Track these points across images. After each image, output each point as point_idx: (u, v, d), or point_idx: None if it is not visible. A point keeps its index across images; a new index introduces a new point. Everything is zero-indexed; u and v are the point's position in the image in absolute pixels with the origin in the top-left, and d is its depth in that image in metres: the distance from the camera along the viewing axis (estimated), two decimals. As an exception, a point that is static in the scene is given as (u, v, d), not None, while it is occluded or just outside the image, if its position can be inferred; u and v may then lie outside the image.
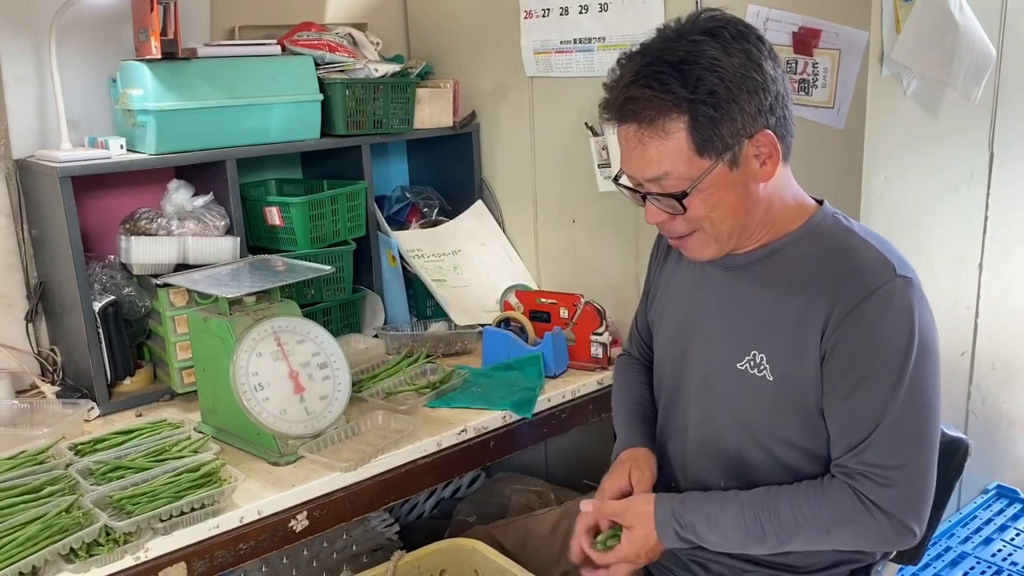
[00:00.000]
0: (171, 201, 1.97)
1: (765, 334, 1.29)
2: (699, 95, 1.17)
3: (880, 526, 1.22)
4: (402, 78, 2.31)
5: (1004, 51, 2.07)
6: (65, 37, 1.98)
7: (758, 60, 1.20)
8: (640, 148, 1.23)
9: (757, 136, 1.22)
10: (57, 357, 2.04)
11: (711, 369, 1.38)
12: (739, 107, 1.19)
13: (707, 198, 1.24)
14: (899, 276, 1.22)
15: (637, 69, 1.20)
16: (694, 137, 1.19)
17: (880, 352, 1.20)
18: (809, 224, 1.31)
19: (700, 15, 1.23)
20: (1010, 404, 2.53)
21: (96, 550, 1.34)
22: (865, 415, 1.21)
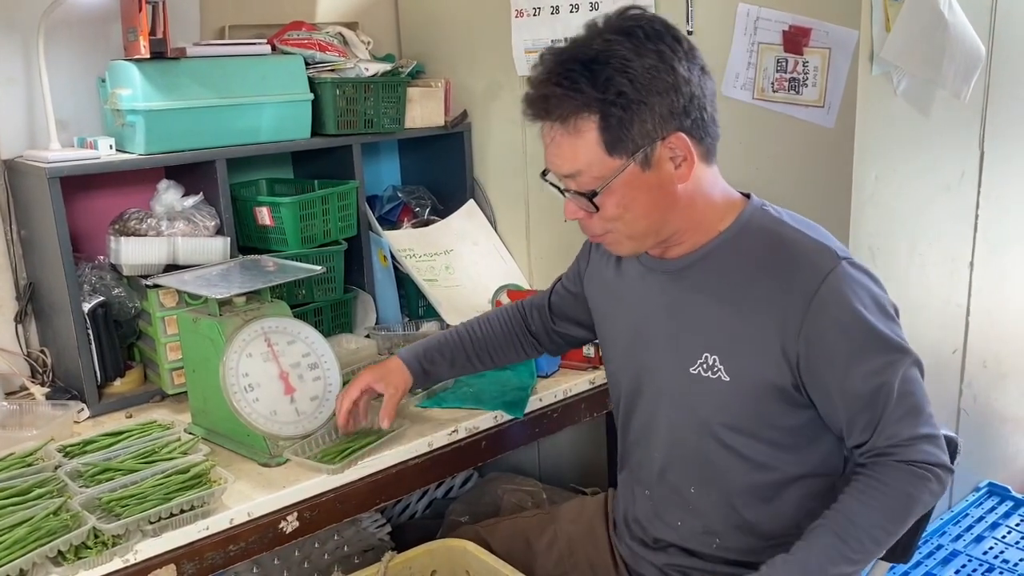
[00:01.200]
0: (161, 201, 1.96)
1: (715, 335, 1.29)
2: (608, 95, 1.17)
3: (940, 482, 1.23)
4: (393, 77, 2.31)
5: (994, 50, 2.08)
6: (53, 37, 1.97)
7: (671, 61, 1.19)
8: (554, 145, 1.24)
9: (670, 138, 1.21)
10: (47, 358, 2.03)
11: (665, 376, 1.37)
12: (649, 108, 1.18)
13: (620, 199, 1.24)
14: (842, 259, 1.23)
15: (552, 67, 1.21)
16: (604, 137, 1.20)
17: (854, 331, 1.21)
18: (740, 221, 1.31)
19: (624, 12, 1.23)
20: (1001, 402, 2.54)
21: (85, 552, 1.33)
22: (870, 391, 1.22)
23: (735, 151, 1.94)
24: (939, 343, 2.23)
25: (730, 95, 1.90)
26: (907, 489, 1.22)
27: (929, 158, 1.99)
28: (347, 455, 1.62)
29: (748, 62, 1.86)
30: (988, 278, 2.30)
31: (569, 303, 1.65)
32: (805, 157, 1.84)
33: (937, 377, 2.26)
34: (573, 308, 1.64)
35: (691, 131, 1.23)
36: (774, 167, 1.89)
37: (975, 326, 2.31)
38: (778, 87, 1.83)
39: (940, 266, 2.13)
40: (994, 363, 2.44)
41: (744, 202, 1.34)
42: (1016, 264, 2.43)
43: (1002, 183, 2.25)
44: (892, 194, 1.89)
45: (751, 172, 1.92)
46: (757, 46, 1.84)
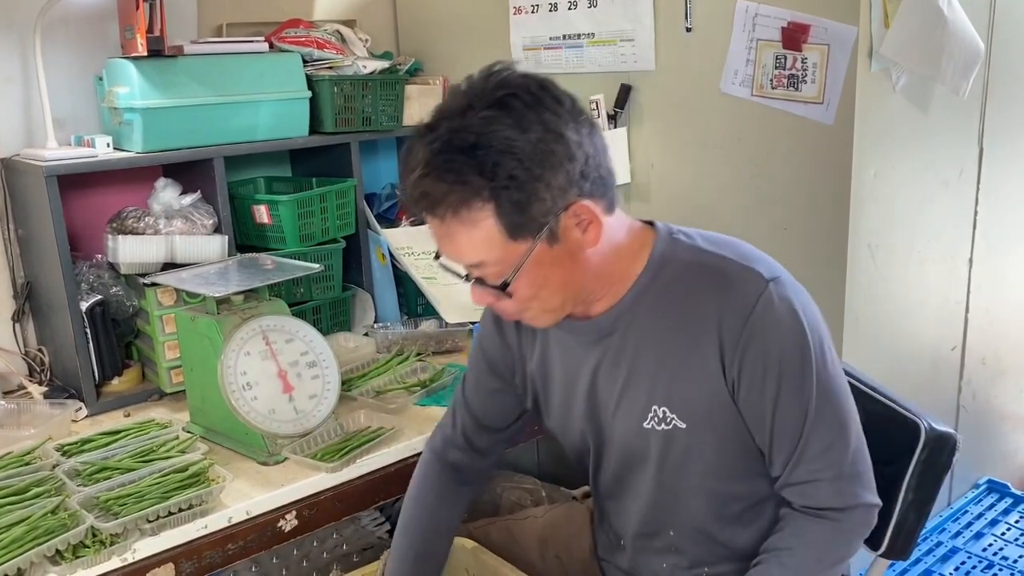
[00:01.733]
0: (158, 200, 1.95)
1: (657, 386, 1.23)
2: (499, 181, 1.06)
3: (851, 523, 1.21)
4: (391, 75, 2.30)
5: (993, 46, 2.08)
6: (50, 35, 1.97)
7: (558, 128, 1.08)
8: (449, 239, 1.13)
9: (572, 207, 1.11)
10: (44, 357, 2.02)
11: (622, 437, 1.30)
12: (545, 184, 1.08)
13: (532, 279, 1.15)
14: (769, 281, 1.16)
15: (427, 159, 1.07)
16: (503, 223, 1.09)
17: (781, 361, 1.16)
18: (654, 258, 1.22)
19: (491, 75, 1.11)
20: (1000, 399, 2.54)
21: (82, 552, 1.33)
22: (791, 428, 1.19)
23: (733, 148, 1.94)
24: (938, 340, 2.23)
25: (729, 92, 1.90)
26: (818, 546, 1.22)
27: (928, 155, 1.99)
28: (346, 453, 1.62)
29: (747, 59, 1.86)
30: (987, 275, 2.30)
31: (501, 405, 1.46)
32: (804, 154, 1.84)
33: (936, 374, 2.26)
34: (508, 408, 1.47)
35: (592, 193, 1.13)
36: (773, 164, 1.89)
37: (974, 323, 2.31)
38: (777, 84, 1.83)
39: (939, 263, 2.12)
40: (993, 360, 2.44)
41: (651, 234, 1.25)
42: (1015, 261, 2.43)
43: (1001, 180, 2.25)
44: (891, 191, 1.89)
45: (750, 169, 1.92)
46: (756, 43, 1.84)
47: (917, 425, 1.43)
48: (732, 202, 1.97)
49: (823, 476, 1.20)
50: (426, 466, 1.50)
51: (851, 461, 1.21)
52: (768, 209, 1.91)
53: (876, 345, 1.98)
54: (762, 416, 1.20)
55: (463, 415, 1.48)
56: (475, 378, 1.47)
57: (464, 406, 1.48)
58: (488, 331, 1.44)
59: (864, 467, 1.23)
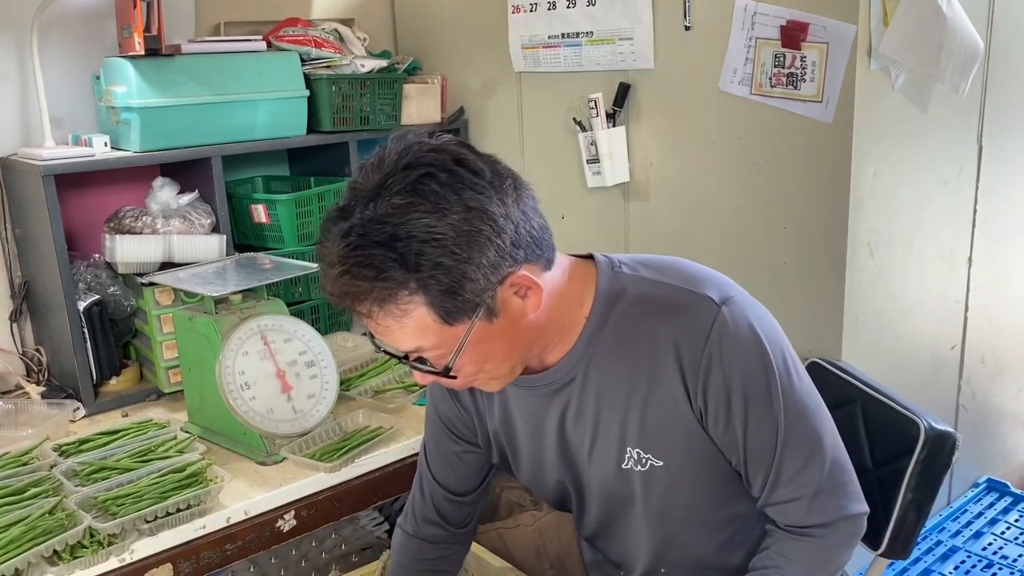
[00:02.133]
0: (156, 199, 1.95)
1: (628, 429, 1.18)
2: (424, 271, 0.99)
3: (836, 536, 1.20)
4: (389, 74, 2.30)
5: (992, 44, 2.07)
6: (47, 34, 1.96)
7: (481, 205, 1.01)
8: (382, 330, 1.06)
9: (508, 279, 1.05)
10: (42, 357, 2.02)
11: (601, 483, 1.27)
12: (475, 265, 1.01)
13: (475, 356, 1.09)
14: (720, 305, 1.12)
15: (344, 254, 0.99)
16: (436, 311, 1.02)
17: (745, 384, 1.13)
18: (599, 298, 1.16)
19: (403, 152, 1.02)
20: (1000, 398, 2.54)
21: (80, 552, 1.33)
22: (763, 448, 1.16)
23: (733, 147, 1.94)
24: (937, 339, 2.23)
25: (728, 90, 1.90)
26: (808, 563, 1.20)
27: (927, 153, 1.99)
28: (344, 453, 1.62)
29: (746, 57, 1.85)
30: (986, 274, 2.29)
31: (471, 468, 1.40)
32: (803, 152, 1.83)
33: (935, 373, 2.26)
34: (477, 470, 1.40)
35: (527, 259, 1.07)
36: (772, 163, 1.88)
37: (973, 322, 2.30)
38: (776, 82, 1.83)
39: (938, 262, 2.12)
40: (992, 359, 2.44)
41: (592, 270, 1.19)
42: (1015, 260, 2.42)
43: (1000, 178, 2.25)
44: (890, 189, 1.88)
45: (748, 168, 1.92)
46: (755, 41, 1.84)
47: (916, 424, 1.43)
48: (731, 201, 1.97)
49: (802, 494, 1.18)
50: (402, 547, 1.43)
51: (828, 475, 1.18)
52: (767, 207, 1.91)
53: (875, 344, 1.97)
54: (734, 441, 1.16)
55: (430, 486, 1.40)
56: (435, 444, 1.40)
57: (429, 476, 1.40)
58: (442, 396, 1.36)
59: (845, 478, 1.21)
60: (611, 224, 2.20)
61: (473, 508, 1.43)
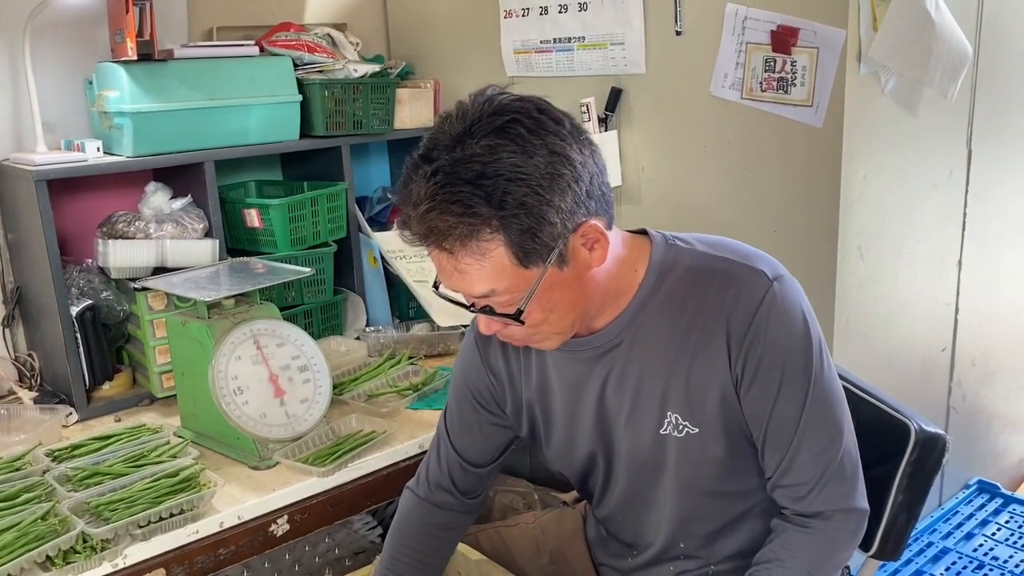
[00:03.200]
0: (149, 204, 1.95)
1: (669, 393, 1.22)
2: (508, 209, 1.04)
3: (837, 532, 1.21)
4: (382, 78, 2.30)
5: (980, 49, 2.09)
6: (40, 39, 1.96)
7: (563, 151, 1.07)
8: (458, 273, 1.10)
9: (581, 228, 1.11)
10: (35, 362, 2.02)
11: (636, 449, 1.29)
12: (554, 209, 1.07)
13: (543, 304, 1.13)
14: (773, 281, 1.17)
15: (432, 192, 1.04)
16: (514, 251, 1.07)
17: (786, 359, 1.17)
18: (653, 266, 1.22)
19: (487, 101, 1.08)
20: (990, 399, 2.55)
21: (73, 557, 1.33)
22: (785, 433, 1.19)
23: (723, 151, 1.95)
24: (928, 341, 2.24)
25: (718, 95, 1.91)
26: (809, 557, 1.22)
27: (917, 157, 2.00)
28: (337, 457, 1.62)
29: (736, 62, 1.87)
30: (976, 276, 2.31)
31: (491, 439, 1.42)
32: (794, 156, 1.84)
33: (926, 375, 2.27)
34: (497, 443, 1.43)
35: (597, 212, 1.13)
36: (762, 167, 1.89)
37: (963, 324, 2.32)
38: (766, 87, 1.84)
39: (928, 265, 2.14)
40: (983, 361, 2.46)
41: (646, 243, 1.24)
42: (1004, 263, 2.44)
43: (989, 182, 2.26)
44: (880, 193, 1.89)
45: (740, 172, 1.93)
46: (745, 46, 1.85)
47: (907, 426, 1.43)
48: (722, 204, 1.97)
49: (813, 479, 1.21)
50: (410, 509, 1.44)
51: (840, 464, 1.21)
52: (758, 211, 1.92)
53: (866, 346, 1.99)
54: (761, 413, 1.20)
55: (447, 453, 1.42)
56: (458, 414, 1.42)
57: (448, 443, 1.42)
58: (472, 364, 1.39)
59: (854, 472, 1.24)
60: (603, 228, 2.20)
61: (486, 480, 1.46)
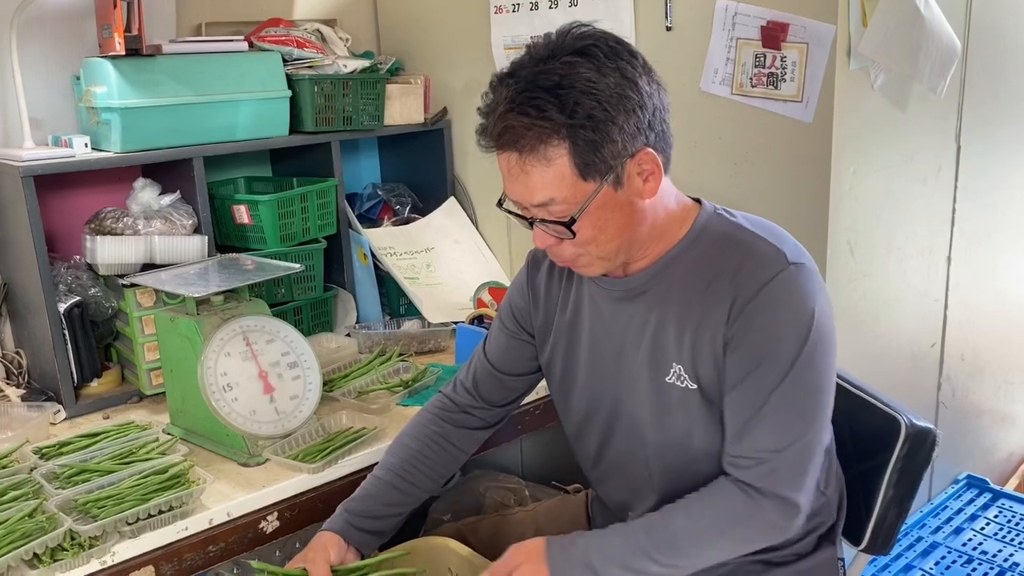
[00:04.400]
0: (137, 200, 1.94)
1: (679, 345, 1.28)
2: (577, 119, 1.14)
3: (765, 513, 1.22)
4: (372, 74, 2.30)
5: (969, 45, 2.10)
6: (26, 34, 1.95)
7: (633, 78, 1.18)
8: (523, 176, 1.19)
9: (639, 155, 1.20)
10: (22, 359, 2.00)
11: (645, 395, 1.34)
12: (618, 128, 1.16)
13: (595, 220, 1.22)
14: (791, 264, 1.22)
15: (512, 96, 1.16)
16: (576, 162, 1.17)
17: (775, 341, 1.21)
18: (696, 227, 1.30)
19: (570, 31, 1.20)
20: (980, 395, 2.56)
21: (61, 555, 1.32)
22: (752, 400, 1.22)
23: (714, 146, 1.95)
24: (917, 337, 2.25)
25: (709, 90, 1.91)
26: (728, 508, 1.24)
27: (906, 152, 2.01)
28: (328, 454, 1.61)
29: (727, 57, 1.87)
30: (965, 272, 2.32)
31: (516, 352, 1.53)
32: (784, 152, 1.85)
33: (916, 371, 2.28)
34: (521, 357, 1.53)
35: (655, 145, 1.22)
36: (752, 162, 1.90)
37: (953, 320, 2.33)
38: (756, 82, 1.84)
39: (918, 260, 2.14)
40: (972, 356, 2.47)
41: (697, 208, 1.33)
42: (993, 258, 2.45)
43: (978, 177, 2.27)
44: (870, 188, 1.90)
45: (730, 167, 1.93)
46: (735, 41, 1.85)
47: (897, 421, 1.44)
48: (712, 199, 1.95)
49: (762, 455, 1.22)
50: (427, 410, 1.57)
51: (796, 454, 1.22)
52: (748, 206, 1.89)
53: (856, 341, 1.99)
54: (735, 378, 1.24)
55: (478, 361, 1.56)
56: (497, 329, 1.55)
57: (481, 354, 1.56)
58: (518, 282, 1.52)
59: (806, 469, 1.23)
60: (594, 224, 2.20)
61: (505, 396, 1.55)
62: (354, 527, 1.42)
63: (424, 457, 1.51)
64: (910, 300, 2.17)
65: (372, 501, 1.46)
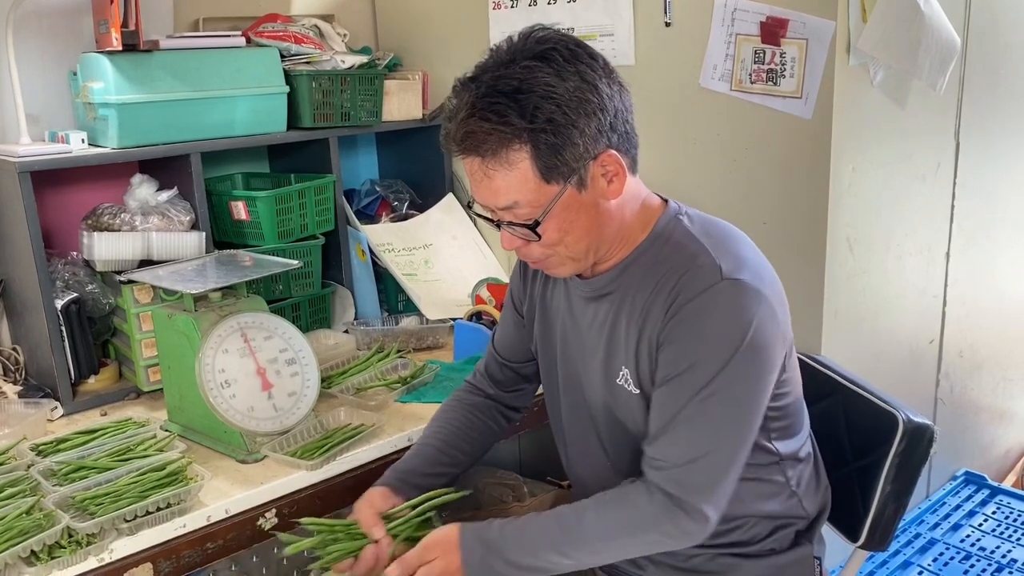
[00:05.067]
0: (134, 196, 1.93)
1: (625, 348, 1.31)
2: (537, 124, 1.16)
3: (676, 518, 1.23)
4: (370, 70, 2.29)
5: (969, 41, 2.09)
6: (23, 29, 1.94)
7: (593, 81, 1.19)
8: (486, 180, 1.21)
9: (601, 157, 1.21)
10: (19, 356, 2.00)
11: (599, 395, 1.38)
12: (579, 131, 1.18)
13: (560, 223, 1.23)
14: (726, 279, 1.21)
15: (473, 101, 1.18)
16: (538, 165, 1.18)
17: (697, 352, 1.21)
18: (654, 232, 1.31)
19: (531, 34, 1.21)
20: (977, 391, 2.56)
21: (58, 552, 1.31)
22: (670, 406, 1.24)
23: (713, 143, 1.95)
24: (916, 333, 2.25)
25: (708, 87, 1.91)
26: (637, 509, 1.25)
27: (905, 149, 2.00)
28: (326, 451, 1.61)
29: (726, 53, 1.86)
30: (964, 268, 2.32)
31: (518, 340, 1.58)
32: (783, 148, 1.84)
33: (914, 367, 2.28)
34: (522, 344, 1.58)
35: (619, 146, 1.23)
36: (752, 158, 1.89)
37: (951, 316, 2.33)
38: (756, 78, 1.84)
39: (917, 256, 2.14)
40: (970, 353, 2.47)
41: (660, 210, 1.34)
42: (991, 254, 2.45)
43: (977, 174, 2.27)
44: (869, 185, 1.90)
45: (729, 163, 1.93)
46: (735, 37, 1.84)
47: (895, 417, 1.44)
48: (711, 196, 1.97)
49: (674, 464, 1.23)
50: (458, 389, 1.65)
51: (709, 466, 1.23)
52: (747, 203, 1.92)
53: (854, 338, 1.99)
54: (660, 379, 1.26)
55: (490, 351, 1.63)
56: (503, 318, 1.61)
57: (491, 343, 1.63)
58: (516, 270, 1.57)
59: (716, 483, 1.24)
60: (593, 220, 2.20)
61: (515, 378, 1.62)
62: (402, 481, 1.47)
63: (465, 426, 1.57)
64: (909, 297, 2.17)
65: (419, 461, 1.51)
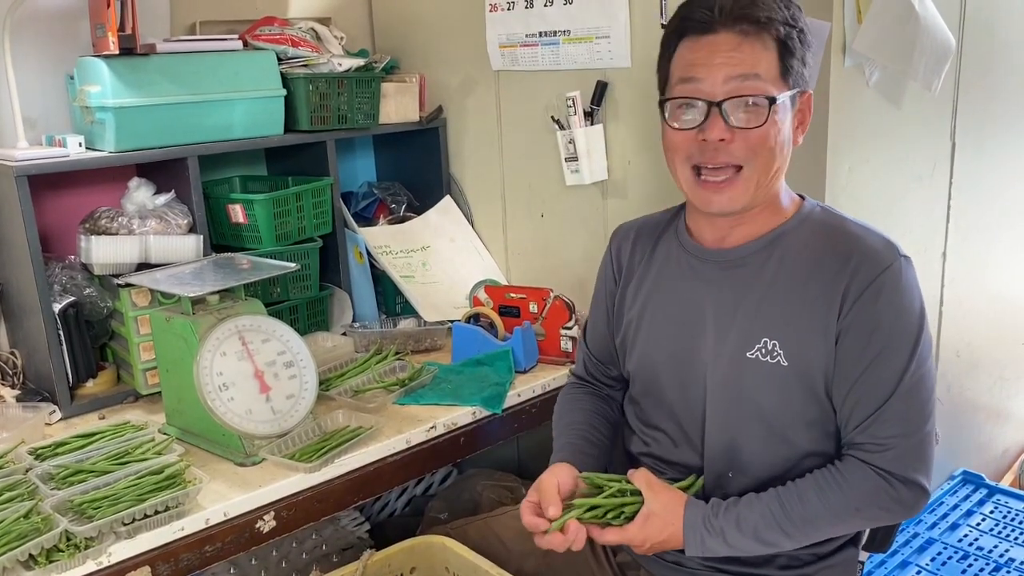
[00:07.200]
0: (132, 199, 1.93)
1: (777, 321, 1.32)
2: (797, 25, 1.28)
3: (898, 493, 1.27)
4: (367, 72, 2.29)
5: (964, 42, 2.10)
6: (20, 33, 1.94)
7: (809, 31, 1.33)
8: (737, 51, 1.26)
9: (806, 95, 1.33)
10: (17, 360, 2.00)
11: (720, 365, 1.37)
12: (811, 54, 1.32)
13: (777, 121, 1.28)
14: (902, 256, 1.29)
15: None
16: (781, 61, 1.27)
17: (895, 328, 1.26)
18: (802, 213, 1.38)
19: None
20: (974, 391, 2.57)
21: (56, 556, 1.31)
22: (879, 390, 1.27)
23: (710, 144, 1.95)
24: (913, 333, 2.25)
25: (704, 88, 1.91)
26: (862, 490, 1.28)
27: (901, 150, 2.01)
28: (324, 453, 1.61)
29: (722, 55, 1.86)
30: (960, 268, 2.32)
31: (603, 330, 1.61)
32: (779, 149, 1.84)
33: (911, 367, 2.28)
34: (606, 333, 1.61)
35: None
36: (749, 160, 1.89)
37: (948, 316, 2.33)
38: (752, 80, 1.84)
39: (913, 257, 2.13)
40: (967, 352, 2.47)
41: (802, 200, 1.42)
42: (988, 254, 2.45)
43: (974, 174, 2.27)
44: (865, 186, 1.90)
45: (726, 165, 1.93)
46: (730, 39, 1.84)
47: (893, 417, 1.44)
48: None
49: (894, 439, 1.27)
50: (570, 387, 1.68)
51: (921, 442, 1.28)
52: (744, 205, 1.92)
53: (852, 339, 1.99)
54: (854, 370, 1.28)
55: (583, 348, 1.67)
56: (593, 315, 1.64)
57: (583, 340, 1.67)
58: (605, 261, 1.60)
59: (930, 457, 1.29)
60: (590, 222, 2.21)
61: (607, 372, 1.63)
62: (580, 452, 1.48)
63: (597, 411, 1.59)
64: (905, 297, 2.17)
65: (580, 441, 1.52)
